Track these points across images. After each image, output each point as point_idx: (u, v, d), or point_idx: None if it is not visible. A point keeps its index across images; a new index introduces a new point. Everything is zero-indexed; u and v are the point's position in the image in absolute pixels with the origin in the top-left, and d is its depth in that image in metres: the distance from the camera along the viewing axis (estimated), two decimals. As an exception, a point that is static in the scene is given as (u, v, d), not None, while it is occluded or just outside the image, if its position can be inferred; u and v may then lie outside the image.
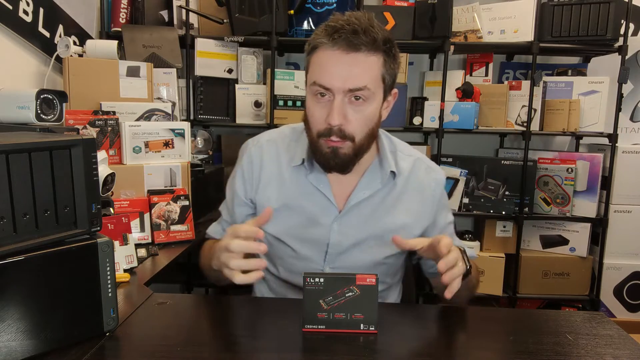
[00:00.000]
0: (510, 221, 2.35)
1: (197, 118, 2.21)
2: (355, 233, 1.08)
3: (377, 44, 0.93)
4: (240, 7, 2.10)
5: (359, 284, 0.85)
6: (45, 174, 0.75)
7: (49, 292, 0.75)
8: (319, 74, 0.95)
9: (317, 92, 0.96)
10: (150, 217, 1.45)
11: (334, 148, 0.98)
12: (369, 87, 0.94)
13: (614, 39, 2.13)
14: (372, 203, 1.09)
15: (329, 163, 1.00)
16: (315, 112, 0.98)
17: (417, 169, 1.13)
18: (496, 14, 2.24)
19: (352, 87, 0.93)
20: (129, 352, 0.79)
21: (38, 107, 1.30)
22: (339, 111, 0.94)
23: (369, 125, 0.99)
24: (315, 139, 1.00)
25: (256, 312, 0.98)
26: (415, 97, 2.36)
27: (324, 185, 1.08)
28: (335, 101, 0.94)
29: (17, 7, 1.57)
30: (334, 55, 0.93)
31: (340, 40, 0.92)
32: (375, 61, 0.95)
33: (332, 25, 0.94)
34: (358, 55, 0.93)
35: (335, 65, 0.93)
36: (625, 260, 2.45)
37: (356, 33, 0.91)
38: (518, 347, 0.83)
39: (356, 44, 0.92)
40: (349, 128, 0.96)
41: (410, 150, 1.16)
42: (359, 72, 0.93)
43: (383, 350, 0.81)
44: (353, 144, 0.98)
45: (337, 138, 0.96)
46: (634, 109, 2.59)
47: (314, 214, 1.08)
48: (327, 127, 0.96)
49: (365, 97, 0.95)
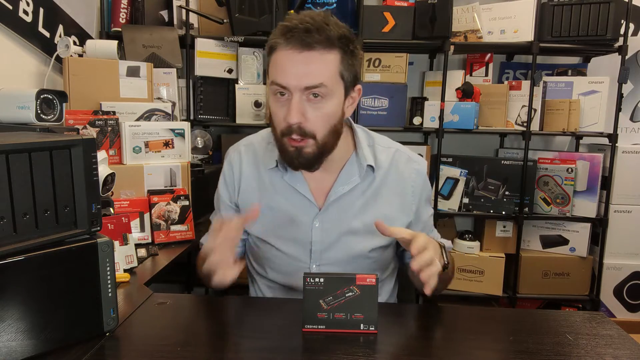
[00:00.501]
0: (510, 221, 2.35)
1: (197, 118, 2.21)
2: (337, 229, 1.08)
3: (331, 41, 0.94)
4: (240, 7, 2.10)
5: (359, 284, 0.85)
6: (45, 174, 0.75)
7: (49, 292, 0.75)
8: (276, 73, 0.96)
9: (277, 91, 0.97)
10: (150, 217, 1.45)
11: (297, 147, 0.99)
12: (326, 84, 0.95)
13: (614, 39, 2.13)
14: (352, 197, 1.09)
15: (293, 162, 1.01)
16: (276, 111, 0.99)
17: (396, 160, 1.13)
18: (496, 14, 2.24)
19: (308, 85, 0.94)
20: (129, 352, 0.79)
21: (38, 107, 1.30)
22: (297, 109, 0.95)
23: (330, 123, 0.99)
24: (279, 138, 1.00)
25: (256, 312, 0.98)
26: (415, 97, 2.36)
27: (300, 184, 1.09)
28: (292, 100, 0.95)
29: (17, 7, 1.57)
30: (289, 54, 0.94)
31: (294, 40, 0.93)
32: (331, 59, 0.95)
33: (286, 25, 0.95)
34: (312, 53, 0.93)
35: (290, 64, 0.94)
36: (625, 260, 2.45)
37: (309, 32, 0.92)
38: (518, 347, 0.83)
39: (309, 43, 0.93)
40: (309, 126, 0.97)
41: (389, 143, 1.16)
42: (314, 70, 0.94)
43: (383, 350, 0.81)
44: (315, 142, 0.98)
45: (298, 136, 0.97)
46: (634, 109, 2.59)
47: (294, 213, 1.09)
48: (287, 125, 0.96)
49: (323, 95, 0.95)
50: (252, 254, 1.18)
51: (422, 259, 0.86)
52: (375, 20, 2.17)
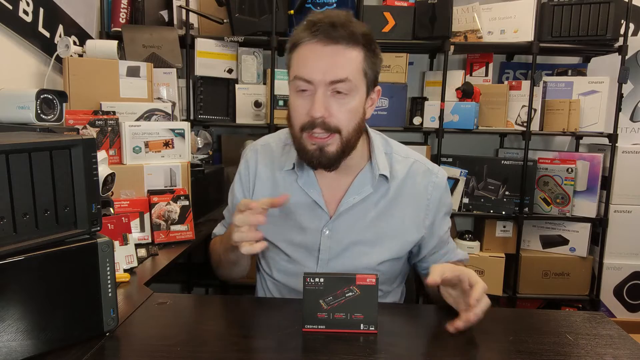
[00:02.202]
0: (510, 221, 2.35)
1: (197, 118, 2.21)
2: (346, 238, 1.07)
3: (356, 37, 0.94)
4: (240, 7, 2.10)
5: (359, 284, 0.85)
6: (45, 174, 0.75)
7: (49, 292, 0.75)
8: (300, 68, 0.95)
9: (299, 87, 0.96)
10: (150, 217, 1.45)
11: (319, 145, 0.97)
12: (351, 79, 0.94)
13: (614, 39, 2.13)
14: (364, 208, 1.07)
15: (312, 161, 0.99)
16: (297, 106, 0.97)
17: (414, 172, 1.10)
18: (496, 14, 2.24)
19: (334, 79, 0.93)
20: (129, 352, 0.79)
21: (38, 107, 1.30)
22: (321, 102, 0.93)
23: (354, 119, 0.98)
24: (298, 135, 0.99)
25: (256, 312, 0.98)
26: (415, 97, 2.36)
27: (314, 190, 1.07)
28: (317, 93, 0.94)
29: (17, 7, 1.57)
30: (314, 48, 0.93)
31: (319, 33, 0.92)
32: (355, 55, 0.95)
33: (311, 20, 0.95)
34: (337, 47, 0.93)
35: (316, 58, 0.93)
36: (625, 260, 2.45)
37: (334, 26, 0.92)
38: (518, 347, 0.83)
39: (335, 37, 0.92)
40: (333, 120, 0.95)
41: (407, 152, 1.13)
42: (340, 64, 0.93)
43: (383, 350, 0.81)
44: (340, 137, 0.97)
45: (322, 131, 0.95)
46: (634, 109, 2.59)
47: (305, 219, 1.08)
48: (310, 119, 0.95)
49: (348, 90, 0.95)
50: (262, 254, 1.17)
51: (479, 309, 0.84)
52: (375, 20, 2.17)
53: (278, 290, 1.15)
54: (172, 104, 1.80)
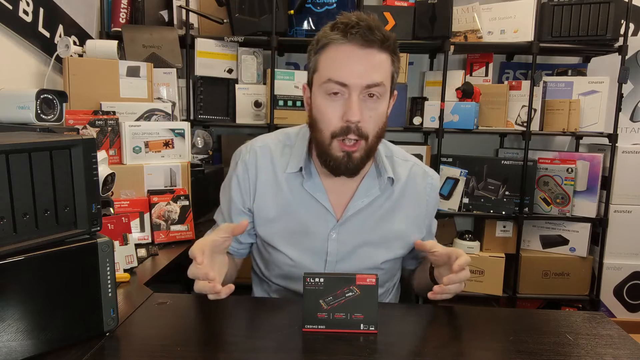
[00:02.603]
0: (510, 221, 2.35)
1: (197, 118, 2.21)
2: (353, 241, 1.07)
3: (387, 42, 0.94)
4: (240, 7, 2.10)
5: (359, 284, 0.85)
6: (45, 174, 0.75)
7: (49, 292, 0.75)
8: (334, 70, 0.93)
9: (331, 90, 0.94)
10: (150, 217, 1.45)
11: (348, 152, 0.96)
12: (385, 84, 0.94)
13: (614, 39, 2.13)
14: (371, 210, 1.08)
15: (340, 168, 0.98)
16: (328, 111, 0.95)
17: (414, 174, 1.12)
18: (496, 14, 2.24)
19: (370, 83, 0.92)
20: (129, 352, 0.79)
21: (38, 107, 1.30)
22: (358, 107, 0.93)
23: (379, 125, 0.98)
24: (327, 142, 0.97)
25: (256, 312, 0.98)
26: (415, 97, 2.36)
27: (320, 193, 1.06)
28: (352, 97, 0.93)
29: (17, 7, 1.57)
30: (350, 50, 0.92)
31: (357, 36, 0.91)
32: (385, 59, 0.95)
33: (344, 22, 0.93)
34: (372, 51, 0.93)
35: (352, 61, 0.92)
36: (625, 260, 2.45)
37: (371, 29, 0.91)
38: (518, 347, 0.83)
39: (371, 40, 0.91)
40: (365, 126, 0.95)
41: (406, 155, 1.15)
42: (375, 68, 0.93)
43: (383, 350, 0.81)
44: (366, 144, 0.97)
45: (355, 137, 0.94)
46: (634, 109, 2.59)
47: (311, 222, 1.06)
48: (344, 125, 0.94)
49: (380, 95, 0.95)
50: (261, 258, 1.16)
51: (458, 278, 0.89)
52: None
53: (280, 295, 1.14)
54: (172, 104, 1.80)
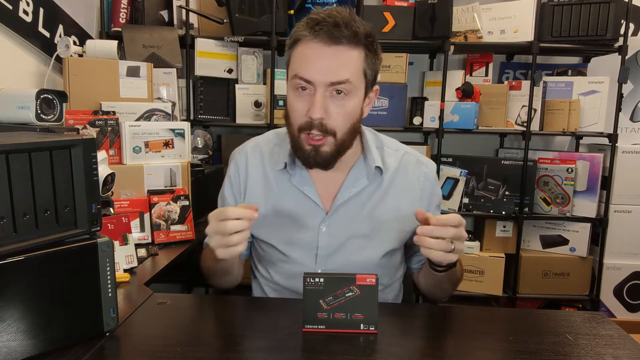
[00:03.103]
0: (510, 221, 2.35)
1: (197, 118, 2.21)
2: (344, 233, 1.07)
3: (358, 37, 0.93)
4: (240, 7, 2.10)
5: (359, 284, 0.85)
6: (45, 174, 0.75)
7: (49, 292, 0.75)
8: (300, 67, 0.94)
9: (298, 85, 0.95)
10: (150, 217, 1.45)
11: (315, 146, 0.97)
12: (351, 81, 0.94)
13: (614, 39, 2.13)
14: (360, 200, 1.08)
15: (309, 161, 1.00)
16: (296, 106, 0.97)
17: (405, 163, 1.12)
18: (496, 14, 2.24)
19: (334, 81, 0.93)
20: (129, 352, 0.79)
21: (38, 107, 1.30)
22: (320, 104, 0.94)
23: (350, 121, 0.98)
24: (296, 135, 0.99)
25: (256, 312, 0.98)
26: (415, 97, 2.36)
27: (308, 187, 1.07)
28: (316, 94, 0.94)
29: (17, 7, 1.57)
30: (316, 47, 0.93)
31: (322, 33, 0.92)
32: (357, 55, 0.95)
33: (313, 18, 0.94)
34: (339, 48, 0.93)
35: (317, 58, 0.93)
36: (625, 260, 2.45)
37: (337, 26, 0.91)
38: (518, 347, 0.83)
39: (337, 37, 0.92)
40: (331, 122, 0.96)
41: (397, 145, 1.15)
42: (341, 65, 0.93)
43: (383, 350, 0.81)
44: (335, 140, 0.97)
45: (318, 132, 0.96)
46: (634, 109, 2.59)
47: (301, 217, 1.08)
48: (308, 120, 0.95)
49: (347, 91, 0.95)
50: (257, 256, 1.18)
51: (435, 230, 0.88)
52: (375, 20, 2.17)
53: (277, 294, 1.15)
54: (172, 104, 1.80)
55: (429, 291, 1.16)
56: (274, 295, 1.15)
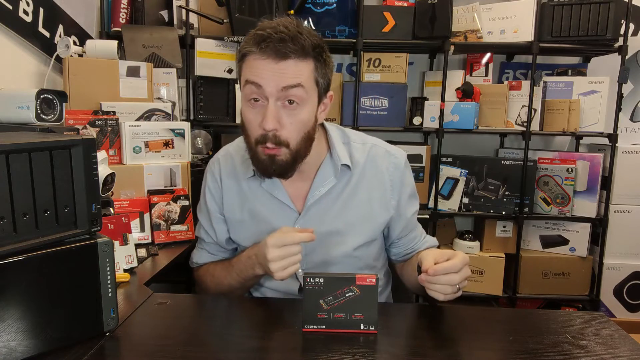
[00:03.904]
0: (510, 221, 2.35)
1: (197, 118, 2.21)
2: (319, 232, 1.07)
3: (305, 50, 0.94)
4: (240, 7, 2.10)
5: (358, 284, 0.85)
6: (45, 174, 0.75)
7: (49, 292, 0.75)
8: (251, 73, 0.95)
9: (251, 96, 0.96)
10: (150, 217, 1.45)
11: (270, 155, 0.98)
12: (303, 85, 0.94)
13: (614, 39, 2.13)
14: (330, 198, 1.09)
15: (267, 170, 1.01)
16: (250, 119, 0.98)
17: (373, 155, 1.13)
18: (496, 14, 2.24)
19: (285, 85, 0.93)
20: (129, 352, 0.79)
21: (38, 107, 1.30)
22: (273, 115, 0.94)
23: (303, 130, 0.99)
24: (253, 147, 0.99)
25: (256, 312, 0.98)
26: (415, 97, 2.36)
27: (278, 191, 1.09)
28: (269, 105, 0.94)
29: (17, 7, 1.57)
30: (264, 64, 0.93)
31: (269, 50, 0.92)
32: (305, 66, 0.95)
33: (259, 33, 0.94)
34: (287, 62, 0.93)
35: (266, 71, 0.93)
36: (625, 260, 2.45)
37: (283, 41, 0.91)
38: (518, 347, 0.83)
39: (285, 52, 0.92)
40: (284, 134, 0.96)
41: (364, 139, 1.16)
42: (290, 76, 0.93)
43: (383, 350, 0.81)
44: (289, 150, 0.98)
45: (272, 145, 0.96)
46: (634, 109, 2.59)
47: (275, 220, 1.10)
48: (263, 133, 0.96)
49: (299, 100, 0.95)
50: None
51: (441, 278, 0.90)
52: (375, 20, 2.17)
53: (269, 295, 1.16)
54: (172, 104, 1.80)
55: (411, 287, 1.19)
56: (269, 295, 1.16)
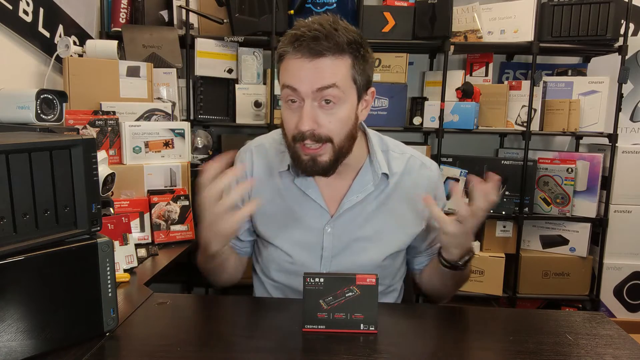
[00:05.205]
0: (510, 221, 2.35)
1: (197, 118, 2.21)
2: (348, 235, 1.08)
3: (340, 47, 0.93)
4: (240, 7, 2.10)
5: (359, 284, 0.85)
6: (45, 174, 0.75)
7: (49, 292, 0.75)
8: (287, 78, 0.95)
9: (288, 97, 0.96)
10: (150, 217, 1.45)
11: (312, 156, 0.97)
12: (338, 85, 0.93)
13: (614, 39, 2.13)
14: (365, 204, 1.08)
15: (307, 170, 1.00)
16: (288, 118, 0.98)
17: (410, 167, 1.12)
18: (496, 14, 2.24)
19: (320, 86, 0.92)
20: (129, 352, 0.79)
21: (38, 107, 1.30)
22: (309, 116, 0.93)
23: (345, 128, 0.98)
24: (292, 145, 0.99)
25: (256, 312, 0.98)
26: (415, 97, 2.36)
27: (312, 189, 1.07)
28: (304, 106, 0.94)
29: (17, 7, 1.57)
30: (298, 62, 0.93)
31: (302, 48, 0.92)
32: (341, 64, 0.94)
33: (294, 33, 0.93)
34: (322, 60, 0.92)
35: (301, 71, 0.93)
36: (625, 260, 2.44)
37: (317, 39, 0.91)
38: (518, 347, 0.83)
39: (319, 50, 0.92)
40: (323, 131, 0.95)
41: (402, 148, 1.15)
42: (326, 75, 0.93)
43: (383, 350, 0.81)
44: (332, 146, 0.97)
45: (312, 143, 0.96)
46: (634, 109, 2.59)
47: (306, 218, 1.08)
48: (299, 132, 0.95)
49: (336, 100, 0.94)
50: (260, 255, 1.17)
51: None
52: (375, 20, 2.17)
53: (281, 291, 1.14)
54: (172, 104, 1.80)
55: (432, 290, 1.17)
56: (277, 293, 1.15)
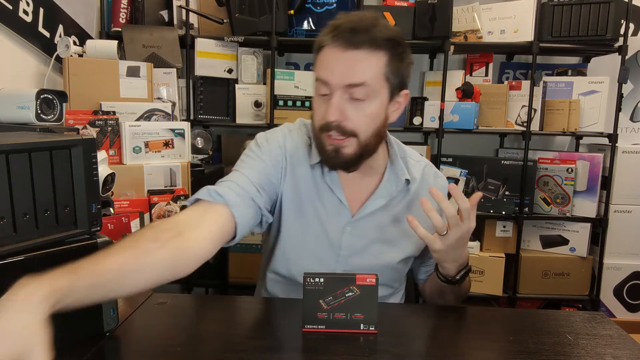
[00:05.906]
0: (510, 221, 2.35)
1: (197, 118, 2.21)
2: (367, 237, 1.08)
3: (377, 42, 0.93)
4: (240, 7, 2.10)
5: (359, 284, 0.85)
6: (45, 174, 0.75)
7: (49, 292, 0.75)
8: (320, 69, 0.96)
9: (320, 91, 0.97)
10: (150, 217, 1.45)
11: (336, 146, 0.97)
12: (368, 84, 0.93)
13: (614, 39, 2.13)
14: (386, 209, 1.09)
15: (330, 161, 1.00)
16: (317, 108, 0.99)
17: (427, 175, 1.14)
18: (496, 14, 2.24)
19: (350, 83, 0.93)
20: (129, 352, 0.79)
21: (38, 107, 1.30)
22: (336, 107, 0.94)
23: (373, 125, 0.97)
24: (318, 134, 0.99)
25: (256, 312, 0.98)
26: (415, 97, 2.36)
27: (336, 186, 1.07)
28: (333, 97, 0.94)
29: (17, 7, 1.57)
30: (333, 52, 0.94)
31: (339, 38, 0.92)
32: (376, 60, 0.94)
33: (334, 23, 0.95)
34: (357, 52, 0.93)
35: (334, 62, 0.93)
36: (625, 260, 2.45)
37: (355, 31, 0.92)
38: (518, 347, 0.83)
39: (355, 42, 0.92)
40: (349, 125, 0.95)
41: (418, 156, 1.17)
42: (357, 70, 0.93)
43: (383, 350, 0.81)
44: (357, 141, 0.97)
45: (337, 134, 0.96)
46: (634, 109, 2.59)
47: (327, 214, 1.07)
48: (326, 122, 0.95)
49: (365, 96, 0.94)
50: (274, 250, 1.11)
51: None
52: (375, 20, 2.17)
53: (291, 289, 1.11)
54: (172, 104, 1.80)
55: (432, 300, 1.18)
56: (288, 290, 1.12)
